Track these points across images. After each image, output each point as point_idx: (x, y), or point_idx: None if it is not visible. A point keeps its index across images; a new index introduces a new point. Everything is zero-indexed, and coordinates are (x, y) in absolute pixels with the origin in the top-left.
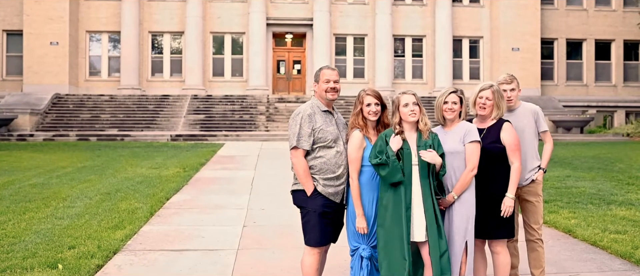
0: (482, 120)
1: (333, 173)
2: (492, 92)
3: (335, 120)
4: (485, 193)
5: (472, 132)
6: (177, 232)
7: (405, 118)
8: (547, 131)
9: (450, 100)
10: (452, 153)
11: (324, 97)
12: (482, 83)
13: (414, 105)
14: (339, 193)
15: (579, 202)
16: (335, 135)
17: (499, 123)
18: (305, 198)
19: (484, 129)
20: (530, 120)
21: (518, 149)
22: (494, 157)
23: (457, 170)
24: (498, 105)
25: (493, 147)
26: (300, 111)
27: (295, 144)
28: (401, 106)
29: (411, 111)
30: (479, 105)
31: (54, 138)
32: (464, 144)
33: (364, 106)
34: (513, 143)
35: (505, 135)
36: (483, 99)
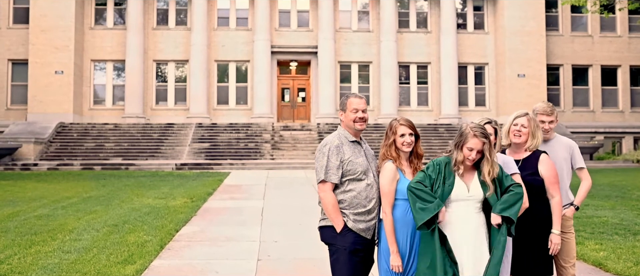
0: (515, 150)
1: (364, 207)
2: (528, 120)
3: (364, 150)
4: (522, 228)
5: (510, 164)
6: (190, 267)
7: (466, 161)
8: (585, 168)
9: (520, 122)
10: None
11: (351, 127)
12: (517, 111)
13: (478, 153)
14: (371, 229)
15: (603, 232)
16: (365, 167)
17: (536, 154)
18: (334, 234)
19: (519, 160)
20: (565, 154)
21: (557, 182)
22: (532, 190)
23: None
24: (534, 134)
25: (532, 179)
26: (327, 142)
27: (323, 177)
28: (466, 148)
29: (472, 158)
30: (513, 132)
31: (58, 167)
32: None
33: (398, 137)
34: (552, 176)
35: (543, 167)
36: (518, 126)
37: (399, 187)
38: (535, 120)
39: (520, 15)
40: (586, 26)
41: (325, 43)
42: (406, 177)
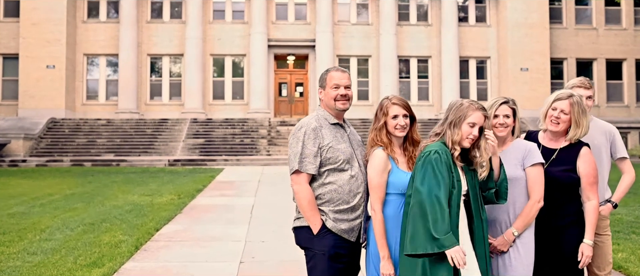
0: (552, 137)
1: (347, 203)
2: (571, 104)
3: (348, 135)
4: (548, 233)
5: (534, 152)
6: (164, 270)
7: (462, 141)
8: (627, 159)
9: (502, 113)
10: (509, 179)
11: (332, 106)
12: (559, 91)
13: (479, 130)
14: (355, 230)
15: (619, 231)
16: (348, 155)
17: (577, 146)
18: (311, 236)
19: (554, 150)
20: (603, 141)
21: (596, 182)
22: (562, 188)
23: (516, 200)
24: (578, 122)
25: (565, 176)
26: (303, 125)
27: (297, 167)
28: (465, 122)
29: (471, 138)
30: (550, 119)
31: (47, 163)
32: (524, 168)
33: (389, 119)
34: (592, 175)
35: (584, 164)
36: (557, 111)
37: (391, 179)
38: (581, 104)
39: (523, 7)
40: (590, 19)
41: (324, 36)
42: (399, 166)
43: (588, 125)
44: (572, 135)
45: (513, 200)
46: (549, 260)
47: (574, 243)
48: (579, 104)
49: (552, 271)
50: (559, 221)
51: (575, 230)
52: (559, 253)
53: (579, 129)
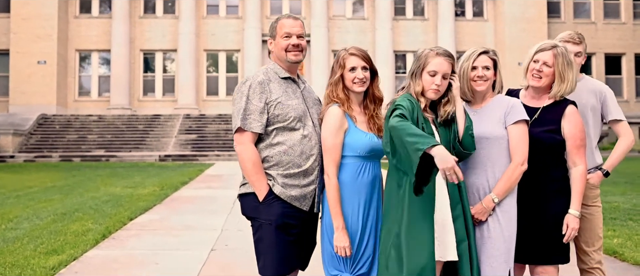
0: (534, 95)
1: (298, 167)
2: (554, 56)
3: (302, 92)
4: (530, 201)
5: (517, 108)
6: (129, 257)
7: (425, 91)
8: (623, 121)
9: (481, 65)
10: (488, 139)
11: (283, 58)
12: (542, 42)
13: (443, 78)
14: (308, 197)
15: (615, 218)
16: (300, 112)
17: (562, 104)
18: (256, 204)
19: (536, 109)
20: (592, 102)
21: (584, 145)
22: (545, 151)
23: (495, 163)
24: (562, 75)
25: (548, 137)
26: (248, 78)
27: (240, 125)
28: (425, 71)
29: (437, 86)
30: (531, 72)
31: (35, 159)
32: (506, 126)
33: (347, 71)
34: (578, 138)
35: (568, 124)
36: (539, 64)
37: (347, 139)
38: (567, 55)
39: (521, 2)
40: (589, 13)
41: (318, 31)
42: (358, 126)
43: (574, 80)
44: (556, 91)
45: (493, 162)
46: (531, 232)
47: (559, 213)
48: (563, 55)
49: (534, 244)
50: (542, 189)
51: (560, 199)
52: (542, 224)
53: (564, 84)
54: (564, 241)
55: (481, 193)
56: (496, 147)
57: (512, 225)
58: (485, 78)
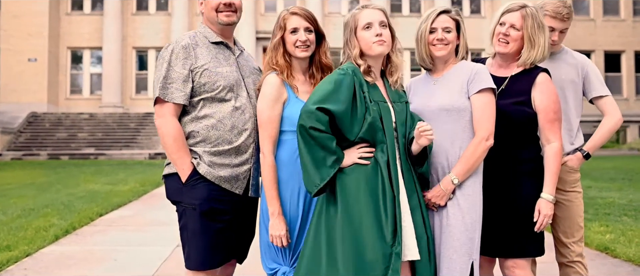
0: (502, 63)
1: (229, 143)
2: (523, 17)
3: (237, 58)
4: (498, 185)
5: (482, 74)
6: (86, 253)
7: (368, 49)
8: (608, 96)
9: (440, 26)
10: (448, 110)
11: (214, 20)
12: (510, 2)
13: (382, 26)
14: (241, 179)
15: (609, 213)
16: (232, 81)
17: (532, 73)
18: (179, 186)
19: (504, 79)
20: (573, 76)
21: (559, 119)
22: (514, 126)
23: (456, 139)
24: (532, 40)
25: (517, 110)
26: (172, 42)
27: (160, 95)
28: (360, 29)
29: (379, 37)
30: (498, 37)
31: (23, 157)
32: (469, 96)
33: (288, 34)
34: (551, 110)
35: (540, 94)
36: (506, 27)
37: (286, 112)
38: (538, 17)
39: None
40: (588, 9)
41: None
42: (299, 97)
43: (546, 46)
44: (525, 58)
45: (453, 138)
46: (499, 220)
47: (531, 199)
48: (533, 17)
49: (503, 235)
50: (511, 170)
51: (531, 182)
52: (512, 211)
53: (534, 50)
54: (536, 230)
55: (440, 175)
56: (457, 121)
57: (475, 211)
58: (445, 41)
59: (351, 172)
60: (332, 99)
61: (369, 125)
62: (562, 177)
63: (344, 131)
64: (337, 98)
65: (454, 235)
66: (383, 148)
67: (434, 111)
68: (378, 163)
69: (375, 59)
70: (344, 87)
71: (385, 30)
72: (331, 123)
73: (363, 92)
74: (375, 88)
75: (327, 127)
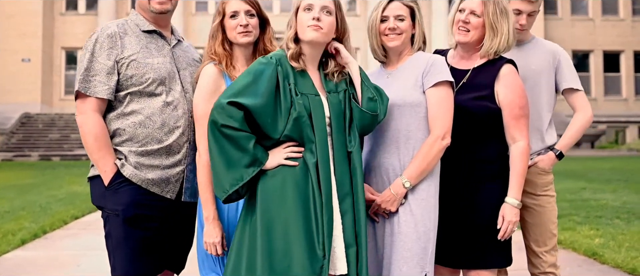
0: (463, 55)
1: (159, 142)
2: (483, 3)
3: (173, 49)
4: (459, 189)
5: (438, 67)
6: (50, 259)
7: (301, 32)
8: (580, 91)
9: (392, 14)
10: (400, 106)
11: (145, 6)
12: None
13: (324, 12)
14: (172, 182)
15: (601, 216)
16: (163, 73)
17: (496, 64)
18: (102, 190)
19: (466, 71)
20: (544, 67)
21: (525, 115)
22: (476, 123)
23: (410, 137)
24: (494, 27)
25: (478, 105)
26: (97, 30)
27: (80, 88)
28: (301, 9)
29: (315, 21)
30: (457, 25)
31: (13, 158)
32: (424, 90)
33: (228, 19)
34: (517, 105)
35: (504, 87)
36: (465, 14)
37: None
38: (500, 2)
39: None
40: (587, 9)
41: None
42: None
43: (510, 34)
44: (487, 47)
45: (406, 136)
46: (460, 228)
47: (494, 204)
48: (495, 2)
49: (465, 244)
50: (473, 173)
51: (495, 185)
52: (474, 218)
53: (497, 38)
54: (499, 238)
55: (391, 176)
56: (411, 117)
57: (429, 217)
58: (398, 31)
59: (276, 175)
60: (248, 92)
61: (294, 121)
62: (532, 179)
63: (266, 128)
64: (254, 91)
65: (405, 244)
66: (312, 148)
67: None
68: (307, 165)
69: (310, 46)
70: (264, 78)
71: (327, 17)
72: (250, 120)
73: (288, 84)
74: (305, 78)
75: (241, 124)
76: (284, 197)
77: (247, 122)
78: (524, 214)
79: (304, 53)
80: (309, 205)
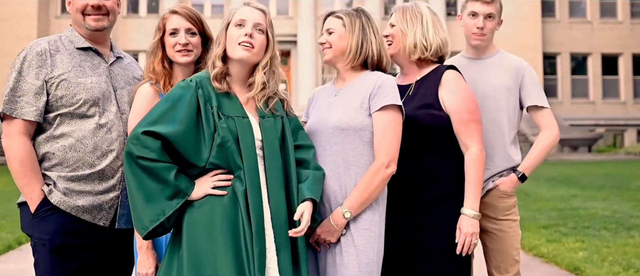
0: (405, 71)
1: (90, 167)
2: (403, 11)
3: (110, 67)
4: (410, 212)
5: (386, 88)
6: (19, 272)
7: (230, 49)
8: (546, 109)
9: (325, 28)
10: (343, 130)
11: (80, 22)
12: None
13: (257, 30)
14: (105, 208)
15: (588, 227)
16: (97, 94)
17: (438, 71)
18: (30, 218)
19: (409, 86)
20: (507, 81)
21: (476, 120)
22: (425, 134)
23: (352, 164)
24: (404, 31)
25: (425, 113)
26: (25, 47)
27: (4, 109)
28: (232, 25)
29: (247, 38)
30: (387, 42)
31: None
32: (371, 113)
33: (167, 36)
34: (464, 109)
35: (448, 92)
36: (387, 29)
37: None
38: (415, 8)
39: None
40: (585, 12)
41: (305, 31)
42: None
43: (425, 32)
44: (402, 49)
45: (349, 162)
46: (413, 256)
47: (450, 225)
48: (404, 10)
49: (418, 271)
50: (425, 192)
51: (450, 207)
52: (428, 245)
53: (407, 37)
54: (458, 252)
55: (333, 204)
56: (354, 142)
57: (372, 249)
58: (327, 44)
59: (203, 206)
60: (166, 119)
61: (219, 147)
62: (493, 203)
63: (188, 157)
64: (173, 117)
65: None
66: (240, 175)
67: (328, 129)
68: (235, 194)
69: (239, 65)
70: (183, 103)
71: (260, 35)
72: (171, 149)
73: (211, 107)
74: (232, 99)
75: (159, 155)
76: (211, 229)
77: (168, 151)
78: (485, 239)
79: (231, 73)
80: (239, 237)
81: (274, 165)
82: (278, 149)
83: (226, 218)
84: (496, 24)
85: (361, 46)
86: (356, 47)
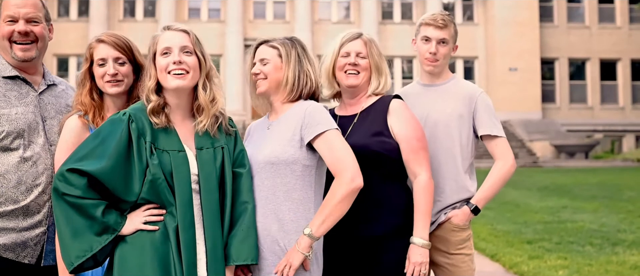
0: (350, 101)
1: (14, 203)
2: (365, 43)
3: (40, 96)
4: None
5: (316, 115)
6: None
7: (163, 80)
8: (501, 138)
9: (257, 58)
10: (273, 164)
11: (7, 49)
12: (343, 33)
13: (185, 53)
14: (30, 245)
15: (573, 242)
16: (22, 125)
17: (383, 100)
18: None
19: (353, 117)
20: (460, 109)
21: (423, 148)
22: (379, 162)
23: (284, 199)
24: (379, 67)
25: (376, 141)
26: None
27: None
28: (158, 54)
29: (177, 66)
30: (344, 69)
31: None
32: (306, 144)
33: (96, 66)
34: (414, 137)
35: (397, 121)
36: (352, 56)
37: None
38: (376, 44)
39: (512, 5)
40: (583, 17)
41: (302, 35)
42: None
43: (389, 74)
44: (375, 86)
45: (279, 198)
46: None
47: (399, 256)
48: (373, 43)
49: None
50: (372, 228)
51: (399, 242)
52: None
53: (383, 77)
54: None
55: (269, 243)
56: (286, 176)
57: None
58: (261, 76)
59: (134, 241)
60: (94, 156)
61: (150, 183)
62: (445, 236)
63: (117, 193)
64: (101, 153)
65: None
66: (172, 211)
67: (260, 164)
68: (167, 230)
69: (176, 95)
70: (113, 138)
71: (189, 57)
72: (99, 185)
73: (144, 141)
74: (169, 133)
75: (85, 192)
76: (142, 267)
77: (97, 186)
78: (438, 274)
79: (170, 103)
80: (170, 274)
81: (210, 200)
82: (215, 183)
83: (156, 255)
84: (450, 50)
85: (298, 78)
86: (293, 79)
